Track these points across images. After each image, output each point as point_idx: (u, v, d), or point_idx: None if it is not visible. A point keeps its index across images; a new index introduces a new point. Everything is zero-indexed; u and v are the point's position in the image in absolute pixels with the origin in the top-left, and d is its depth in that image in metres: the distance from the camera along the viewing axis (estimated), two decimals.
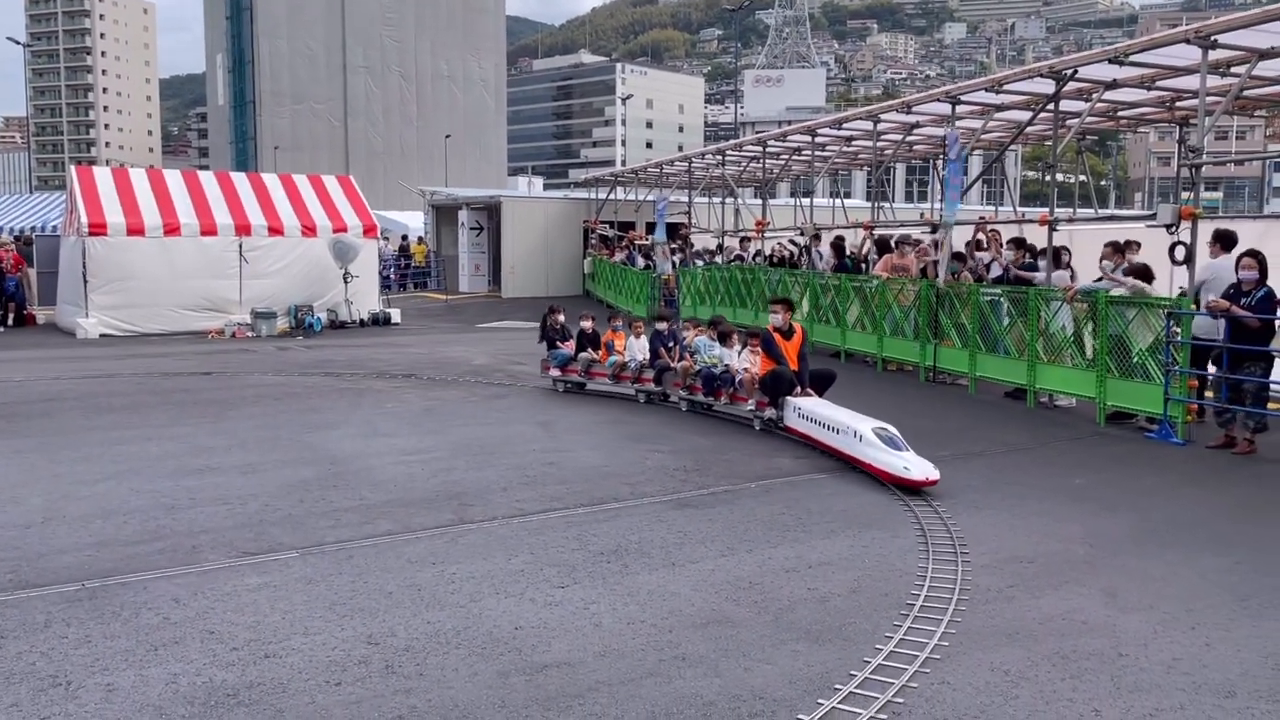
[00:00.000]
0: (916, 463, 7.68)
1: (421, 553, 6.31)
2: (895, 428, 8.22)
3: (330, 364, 15.81)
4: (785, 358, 9.80)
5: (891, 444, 7.89)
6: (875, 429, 8.10)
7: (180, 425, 10.53)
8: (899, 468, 7.69)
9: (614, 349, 12.45)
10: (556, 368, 12.98)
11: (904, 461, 7.71)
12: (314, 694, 4.31)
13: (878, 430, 8.07)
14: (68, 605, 5.35)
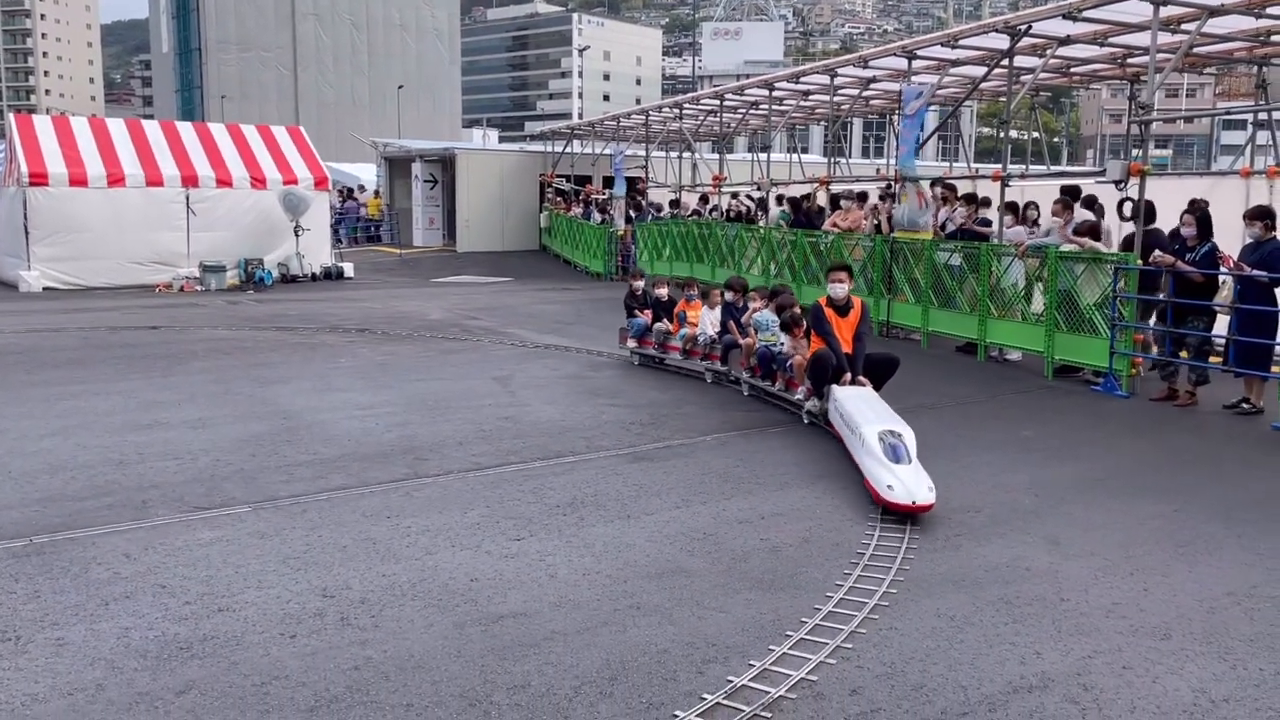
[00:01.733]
0: (908, 480, 6.06)
1: (376, 506, 6.29)
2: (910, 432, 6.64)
3: (282, 318, 15.59)
4: (836, 337, 8.11)
5: (892, 453, 6.31)
6: (881, 432, 6.51)
7: (128, 380, 10.35)
8: (883, 485, 6.11)
9: (686, 320, 11.01)
10: (633, 338, 11.61)
11: (891, 477, 6.11)
12: (268, 646, 4.31)
13: (883, 434, 6.49)
14: (15, 561, 5.27)
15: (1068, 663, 4.21)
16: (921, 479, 6.10)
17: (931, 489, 6.03)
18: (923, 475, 6.16)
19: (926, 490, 6.01)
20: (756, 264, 17.76)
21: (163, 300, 18.16)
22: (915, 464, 6.26)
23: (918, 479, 6.10)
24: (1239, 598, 4.93)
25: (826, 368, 8.02)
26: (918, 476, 6.13)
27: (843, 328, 8.20)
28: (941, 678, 4.06)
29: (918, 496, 5.96)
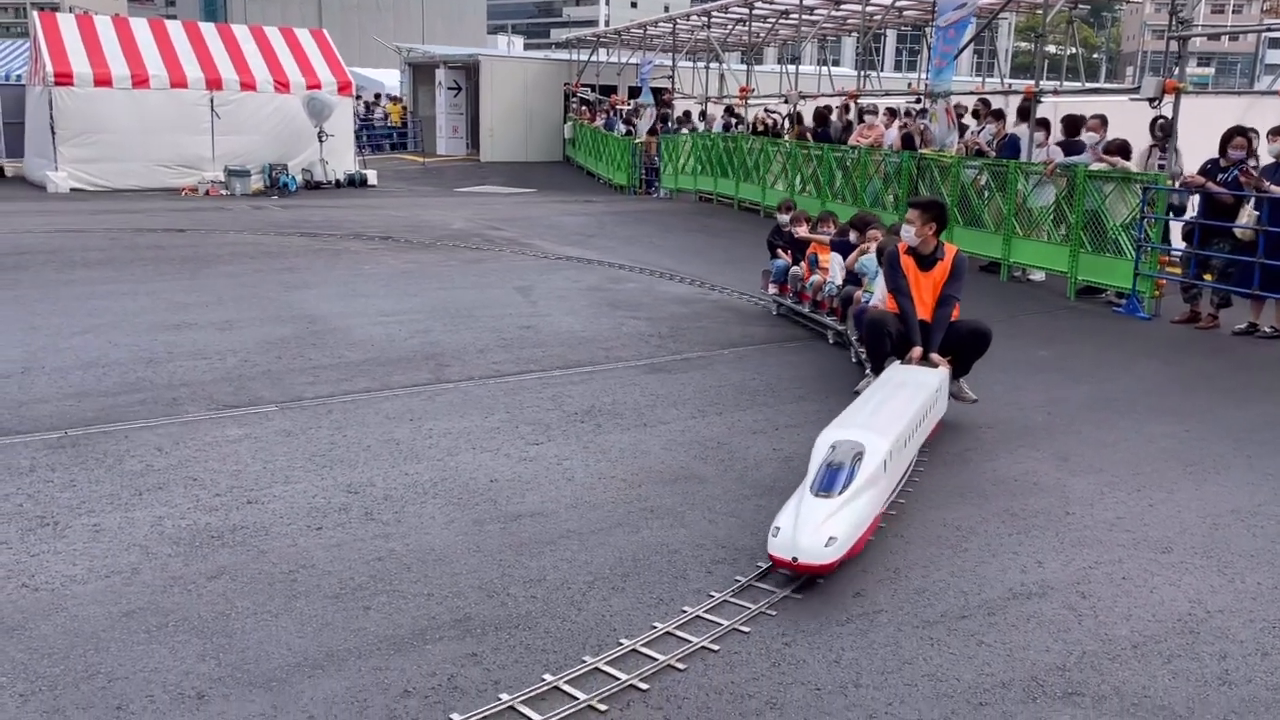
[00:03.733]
0: (805, 525, 4.03)
1: (399, 409, 6.44)
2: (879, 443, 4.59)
3: (306, 224, 15.65)
4: (911, 296, 6.17)
5: (824, 479, 4.28)
6: (838, 441, 4.49)
7: (156, 281, 10.50)
8: (772, 528, 4.17)
9: (817, 265, 9.16)
10: (774, 282, 9.76)
11: (785, 516, 4.17)
12: (295, 537, 4.49)
13: (837, 444, 4.47)
14: (51, 452, 5.47)
15: (1068, 572, 4.32)
16: (827, 529, 4.01)
17: (835, 543, 3.98)
18: (837, 522, 4.06)
19: (823, 546, 3.94)
20: (781, 180, 17.59)
21: (188, 204, 18.24)
22: (844, 501, 4.17)
23: (819, 527, 4.01)
24: (1242, 515, 5.01)
25: (883, 336, 6.13)
26: (825, 523, 4.03)
27: (923, 286, 6.16)
28: (943, 583, 4.19)
29: (801, 552, 3.93)
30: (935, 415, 5.82)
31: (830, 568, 4.04)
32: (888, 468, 4.56)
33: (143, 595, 3.90)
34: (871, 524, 4.43)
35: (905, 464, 5.10)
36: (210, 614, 3.77)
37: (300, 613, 3.81)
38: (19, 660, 3.40)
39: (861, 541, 4.29)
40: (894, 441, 4.67)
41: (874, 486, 4.40)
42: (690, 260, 13.05)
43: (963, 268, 6.26)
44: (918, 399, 5.39)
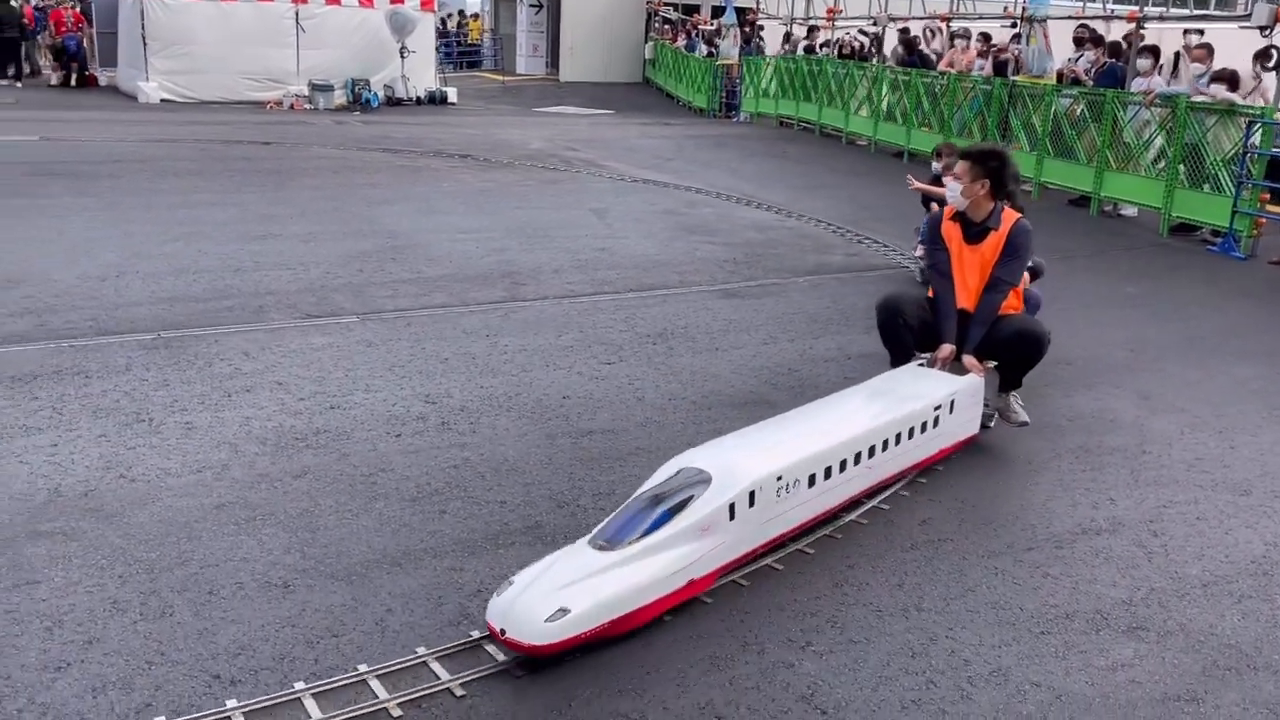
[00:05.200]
0: (536, 589, 3.03)
1: (475, 325, 6.55)
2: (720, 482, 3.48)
3: (387, 140, 15.79)
4: (950, 276, 4.82)
5: (619, 523, 3.31)
6: (683, 467, 3.50)
7: (243, 192, 10.74)
8: (509, 579, 3.17)
9: None
10: (922, 242, 7.65)
11: (525, 572, 3.16)
12: (375, 442, 4.64)
13: (681, 470, 3.50)
14: (145, 352, 5.71)
15: (1141, 510, 4.27)
16: (563, 598, 2.99)
17: (563, 620, 2.93)
18: (589, 589, 3.04)
19: (541, 621, 2.92)
20: (865, 106, 17.14)
21: (273, 117, 18.51)
22: (629, 557, 3.16)
23: (554, 593, 3.00)
24: None
25: (899, 327, 4.83)
26: (568, 588, 3.03)
27: (967, 263, 4.76)
28: (1011, 515, 4.18)
29: (510, 623, 2.95)
30: (937, 438, 4.42)
31: (546, 651, 2.90)
32: (756, 507, 3.42)
33: (232, 490, 4.10)
34: (685, 588, 3.25)
35: (831, 502, 3.87)
36: (295, 510, 3.95)
37: (379, 513, 3.96)
38: (118, 545, 3.62)
39: (650, 611, 3.14)
40: (781, 472, 3.52)
41: (707, 536, 3.28)
42: (769, 186, 12.87)
43: (1022, 243, 4.69)
44: (882, 417, 4.12)
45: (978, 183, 4.67)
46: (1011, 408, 4.89)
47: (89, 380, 5.22)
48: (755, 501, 3.44)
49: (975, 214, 4.76)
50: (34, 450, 4.36)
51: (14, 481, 4.05)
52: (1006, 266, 4.72)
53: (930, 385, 4.52)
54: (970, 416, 4.67)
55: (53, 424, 4.65)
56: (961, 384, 4.56)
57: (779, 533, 3.64)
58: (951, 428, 4.52)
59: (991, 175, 4.66)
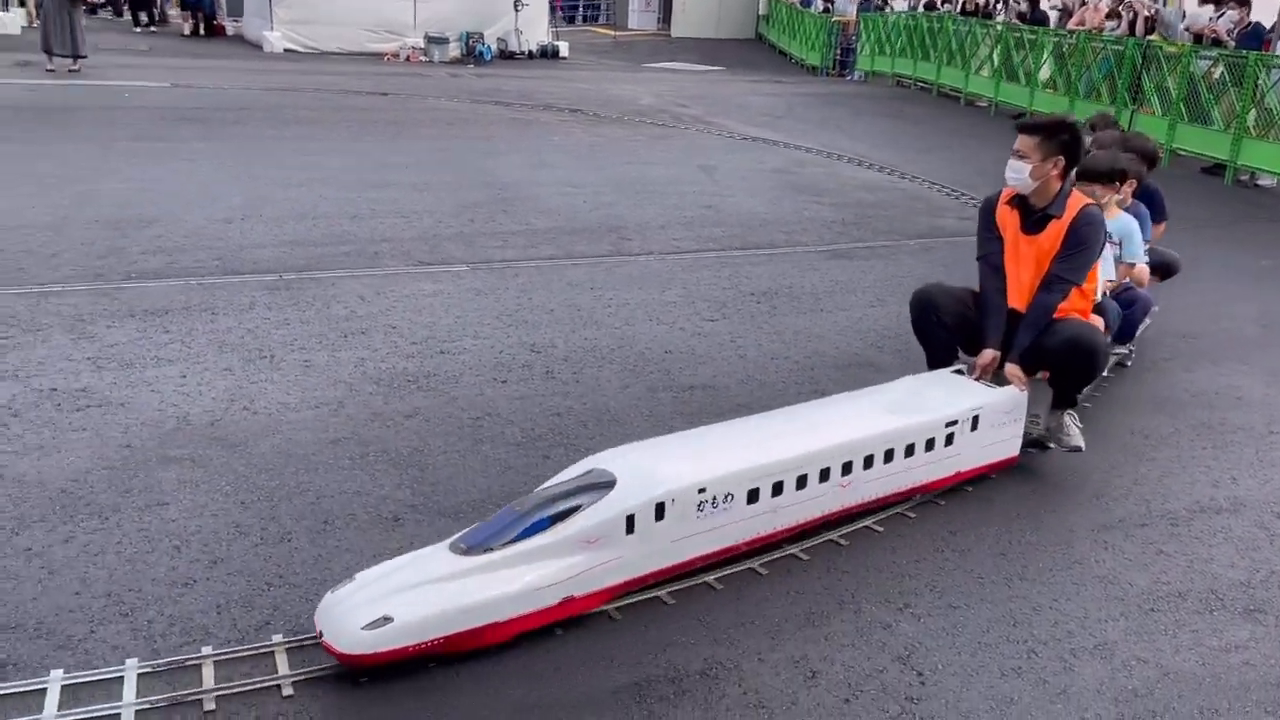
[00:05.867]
0: (356, 593, 2.75)
1: (581, 277, 6.62)
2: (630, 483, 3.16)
3: (499, 93, 15.95)
4: (1002, 271, 4.18)
5: (491, 526, 2.95)
6: (594, 467, 3.13)
7: (361, 141, 11.02)
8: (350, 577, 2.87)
9: None
10: None
11: (372, 570, 2.87)
12: (483, 387, 4.75)
13: (591, 469, 3.13)
14: (268, 292, 5.94)
15: (1264, 491, 4.09)
16: (390, 605, 2.69)
17: (384, 630, 2.64)
18: (422, 598, 2.72)
19: (358, 628, 2.64)
20: (987, 66, 16.54)
21: (390, 69, 18.87)
22: (483, 566, 2.81)
23: (382, 600, 2.71)
24: None
25: (933, 325, 4.28)
26: (400, 595, 2.73)
27: (1023, 255, 4.11)
28: (1124, 490, 4.05)
29: (329, 626, 2.70)
30: (951, 459, 3.80)
31: (359, 661, 2.64)
32: (667, 521, 3.01)
33: (347, 426, 4.25)
34: (560, 605, 2.88)
35: (786, 521, 3.38)
36: (406, 449, 4.09)
37: (485, 455, 4.07)
38: (241, 473, 3.80)
39: (509, 629, 2.80)
40: (705, 484, 3.09)
41: (595, 550, 2.90)
42: (882, 147, 12.58)
43: (1087, 235, 3.98)
44: (869, 429, 3.56)
45: (1050, 161, 3.96)
46: (1064, 428, 4.08)
47: (215, 317, 5.47)
48: (665, 515, 3.00)
49: (1038, 198, 4.05)
50: (164, 380, 4.60)
51: (146, 409, 4.29)
52: (1066, 262, 4.00)
53: (951, 396, 3.87)
54: (1005, 436, 3.97)
55: (182, 356, 4.89)
56: (993, 397, 3.89)
57: (704, 552, 3.16)
58: (974, 448, 3.84)
59: (1065, 151, 3.98)
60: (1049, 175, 3.98)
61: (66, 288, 5.76)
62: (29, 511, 3.43)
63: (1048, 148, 3.96)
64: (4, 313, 5.29)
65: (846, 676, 2.78)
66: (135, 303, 5.58)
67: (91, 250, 6.48)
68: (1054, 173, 3.98)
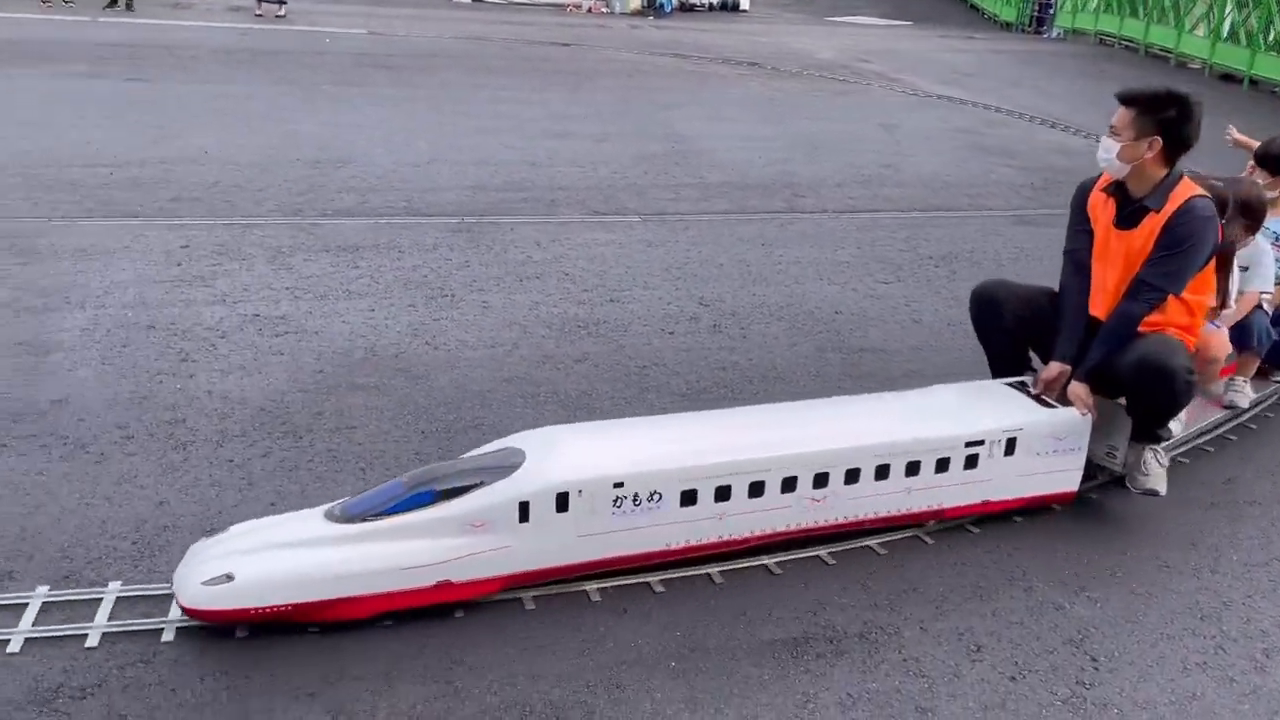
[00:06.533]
0: (212, 547, 2.67)
1: (753, 233, 6.56)
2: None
3: (679, 46, 15.89)
4: (1087, 269, 3.54)
5: (377, 496, 2.77)
6: (510, 446, 2.89)
7: (544, 91, 11.23)
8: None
9: None
10: None
11: (246, 525, 2.79)
12: (650, 338, 4.80)
13: (507, 447, 2.89)
14: (450, 234, 6.16)
15: None
16: (235, 563, 2.59)
17: (224, 588, 2.54)
18: (273, 561, 2.61)
19: (199, 583, 2.56)
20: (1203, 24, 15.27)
21: (572, 20, 19.10)
22: (351, 536, 2.66)
23: (230, 557, 2.61)
24: None
25: (987, 322, 3.77)
26: (251, 556, 2.62)
27: (1112, 253, 3.47)
28: None
29: (177, 579, 2.62)
30: (972, 485, 3.24)
31: (197, 615, 2.57)
32: (571, 515, 2.75)
33: (520, 367, 4.39)
34: (435, 589, 2.68)
35: (737, 531, 2.98)
36: (575, 391, 4.18)
37: (650, 403, 4.11)
38: (422, 404, 3.98)
39: (374, 605, 2.64)
40: (624, 479, 2.79)
41: (480, 535, 2.68)
42: (1080, 108, 11.86)
43: (1187, 234, 3.28)
44: (858, 438, 3.09)
45: (1144, 140, 3.28)
46: (1142, 465, 3.37)
47: (402, 255, 5.71)
48: (569, 507, 2.74)
49: (1136, 186, 3.38)
50: (354, 312, 4.85)
51: (337, 338, 4.54)
52: (1159, 265, 3.31)
53: (988, 411, 3.30)
54: (1057, 467, 3.35)
55: (370, 291, 5.15)
56: (1041, 419, 3.29)
57: (624, 553, 2.86)
58: (1009, 475, 3.26)
59: (1165, 131, 3.27)
60: (1143, 158, 3.30)
61: (269, 221, 6.14)
62: (231, 426, 3.71)
63: (1143, 124, 3.29)
64: (215, 243, 5.70)
65: (1013, 654, 2.69)
66: (330, 238, 5.90)
67: (293, 188, 6.88)
68: (1149, 155, 3.29)
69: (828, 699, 2.48)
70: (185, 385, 4.00)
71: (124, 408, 3.79)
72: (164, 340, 4.40)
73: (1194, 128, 3.30)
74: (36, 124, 8.11)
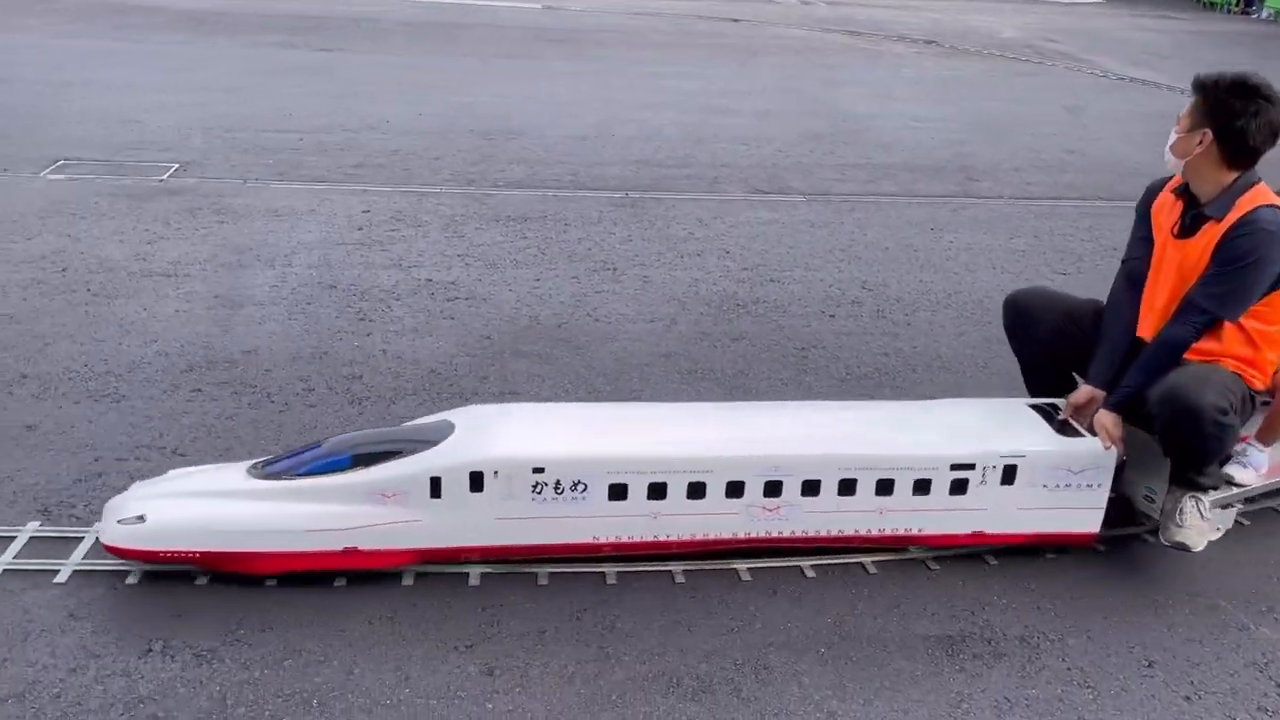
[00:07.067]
0: (137, 489, 2.81)
1: (921, 216, 6.36)
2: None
3: (851, 22, 15.53)
4: (1142, 279, 3.06)
5: (302, 456, 2.81)
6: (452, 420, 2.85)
7: (709, 67, 11.19)
8: None
9: None
10: None
11: (183, 470, 2.94)
12: (810, 320, 4.73)
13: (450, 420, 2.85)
14: (614, 208, 6.23)
15: None
16: (154, 506, 2.67)
17: (136, 527, 2.62)
18: (185, 507, 2.68)
19: (115, 521, 2.65)
20: None
21: None
22: (263, 492, 2.70)
23: (152, 500, 2.70)
24: None
25: (1018, 335, 3.38)
26: (170, 501, 2.70)
27: (1167, 265, 2.99)
28: None
29: (102, 518, 2.73)
30: (960, 515, 2.89)
31: (114, 552, 2.66)
32: (486, 495, 2.67)
33: (678, 343, 4.40)
34: (342, 555, 2.68)
35: (671, 532, 2.81)
36: (731, 370, 4.17)
37: (808, 386, 4.06)
38: (582, 374, 4.06)
39: (280, 563, 2.67)
40: (544, 464, 2.68)
41: (390, 506, 2.66)
42: None
43: (1243, 251, 2.77)
44: (810, 446, 2.87)
45: (1196, 133, 2.82)
46: (1179, 514, 2.87)
47: (567, 227, 5.82)
48: (484, 488, 2.66)
49: (1200, 189, 2.89)
50: (520, 281, 4.98)
51: (504, 306, 4.68)
52: (1210, 284, 2.83)
53: (991, 433, 2.93)
54: (1073, 503, 2.92)
55: (536, 261, 5.27)
56: (1052, 448, 2.89)
57: (546, 542, 2.76)
58: (1007, 507, 2.89)
59: (1218, 124, 2.79)
60: (1194, 153, 2.82)
61: (444, 190, 6.36)
62: (404, 385, 3.88)
63: (1199, 114, 2.83)
64: (394, 209, 5.95)
65: (1189, 673, 2.53)
66: (500, 209, 6.07)
67: (466, 158, 7.10)
68: (1199, 150, 2.81)
69: (983, 701, 2.41)
70: (362, 343, 4.21)
71: (306, 361, 4.02)
72: (344, 300, 4.64)
73: (1259, 125, 2.76)
74: (236, 91, 8.65)
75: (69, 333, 4.15)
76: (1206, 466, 2.85)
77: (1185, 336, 2.87)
